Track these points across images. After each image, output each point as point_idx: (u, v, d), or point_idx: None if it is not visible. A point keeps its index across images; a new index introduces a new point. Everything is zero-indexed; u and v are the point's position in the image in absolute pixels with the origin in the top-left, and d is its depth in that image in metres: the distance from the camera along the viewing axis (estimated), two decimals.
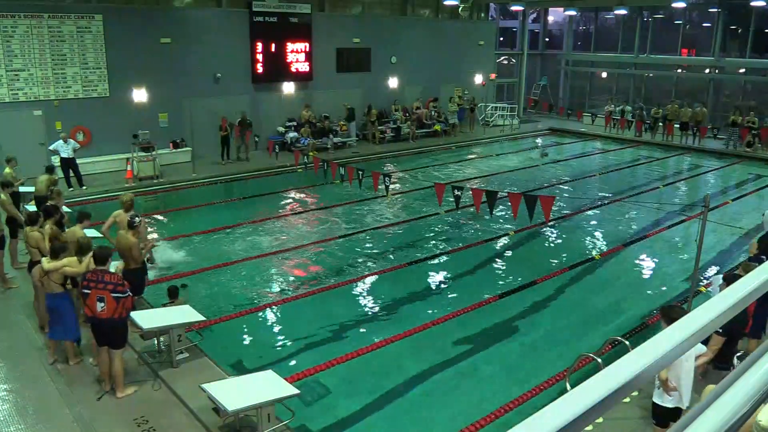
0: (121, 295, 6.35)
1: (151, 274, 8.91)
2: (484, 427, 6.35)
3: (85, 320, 6.72)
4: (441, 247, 12.12)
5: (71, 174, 14.78)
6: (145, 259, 8.45)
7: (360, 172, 12.35)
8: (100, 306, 6.31)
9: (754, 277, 1.38)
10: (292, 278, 10.46)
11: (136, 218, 7.77)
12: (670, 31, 27.08)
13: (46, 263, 6.95)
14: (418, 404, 6.90)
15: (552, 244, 12.62)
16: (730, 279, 6.33)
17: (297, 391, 5.94)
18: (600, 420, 5.30)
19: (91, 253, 7.02)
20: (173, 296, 8.11)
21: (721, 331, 5.63)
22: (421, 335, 8.35)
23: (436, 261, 11.36)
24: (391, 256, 11.57)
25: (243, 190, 16.26)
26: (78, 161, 14.95)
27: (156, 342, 7.62)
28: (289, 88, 20.91)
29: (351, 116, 21.44)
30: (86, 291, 6.40)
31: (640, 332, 8.45)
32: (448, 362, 7.73)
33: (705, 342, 5.70)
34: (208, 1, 19.51)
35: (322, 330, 8.54)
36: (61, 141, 14.45)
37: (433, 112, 23.91)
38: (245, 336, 8.49)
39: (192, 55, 18.37)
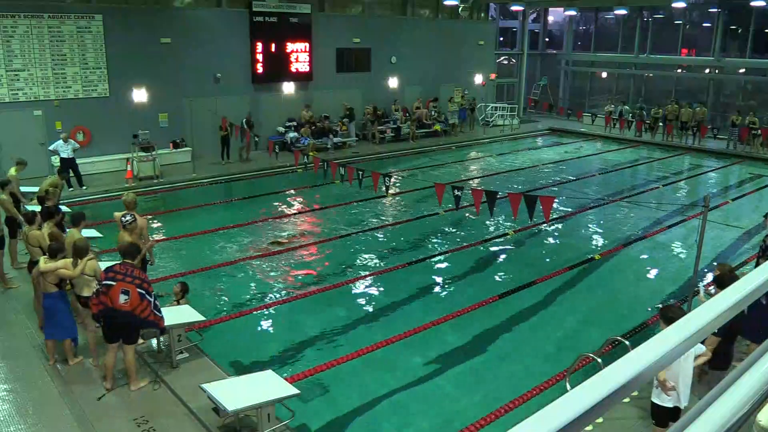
0: (145, 293, 6.36)
1: (150, 275, 8.88)
2: (483, 427, 6.35)
3: (94, 316, 6.69)
4: (441, 247, 12.12)
5: (71, 174, 14.76)
6: (146, 259, 8.43)
7: (360, 172, 12.34)
8: (123, 298, 6.29)
9: (754, 277, 1.38)
10: (291, 278, 10.46)
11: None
12: (670, 31, 27.08)
13: (43, 264, 6.96)
14: (417, 404, 6.90)
15: (552, 245, 12.63)
16: (719, 281, 6.30)
17: (297, 391, 5.95)
18: (600, 420, 5.30)
19: (87, 257, 7.03)
20: (184, 291, 8.07)
21: (716, 331, 5.62)
22: (420, 335, 8.35)
23: (435, 261, 11.36)
24: (391, 256, 11.57)
25: (243, 190, 16.26)
26: (78, 161, 14.95)
27: (156, 342, 7.63)
28: (289, 88, 20.91)
29: (350, 116, 21.44)
30: (110, 283, 6.33)
31: (640, 332, 8.45)
32: (447, 362, 7.74)
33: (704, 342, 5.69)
34: (208, 1, 19.52)
35: (322, 330, 8.54)
36: (61, 141, 14.44)
37: (433, 112, 23.91)
38: (245, 336, 8.48)
39: (192, 55, 18.38)
